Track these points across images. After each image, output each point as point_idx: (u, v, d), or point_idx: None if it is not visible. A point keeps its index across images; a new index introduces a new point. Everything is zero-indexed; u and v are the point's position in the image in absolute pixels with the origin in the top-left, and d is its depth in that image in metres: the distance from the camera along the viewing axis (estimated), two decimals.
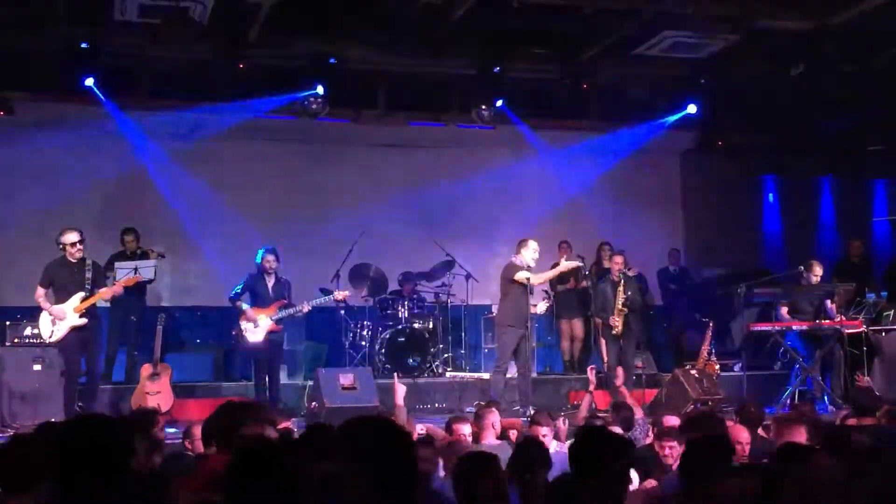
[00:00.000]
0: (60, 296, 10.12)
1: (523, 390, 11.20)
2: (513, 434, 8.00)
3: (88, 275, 10.15)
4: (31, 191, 12.87)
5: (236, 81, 12.76)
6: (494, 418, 7.78)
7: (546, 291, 12.60)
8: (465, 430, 7.55)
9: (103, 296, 10.34)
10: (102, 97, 12.27)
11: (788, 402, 11.39)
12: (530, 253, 11.26)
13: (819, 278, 12.06)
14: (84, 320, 10.09)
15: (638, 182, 15.13)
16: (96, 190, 13.27)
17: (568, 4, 11.50)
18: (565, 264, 11.72)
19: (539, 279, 11.34)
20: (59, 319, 10.03)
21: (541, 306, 11.87)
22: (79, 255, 10.14)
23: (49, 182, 12.94)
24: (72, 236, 10.10)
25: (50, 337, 10.09)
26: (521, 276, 11.05)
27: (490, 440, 7.51)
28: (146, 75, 13.07)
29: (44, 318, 10.16)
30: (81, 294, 10.10)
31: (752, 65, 13.05)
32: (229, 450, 4.71)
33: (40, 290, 10.15)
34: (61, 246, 10.11)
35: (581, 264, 12.02)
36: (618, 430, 6.93)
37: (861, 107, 13.87)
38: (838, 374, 11.80)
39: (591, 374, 10.21)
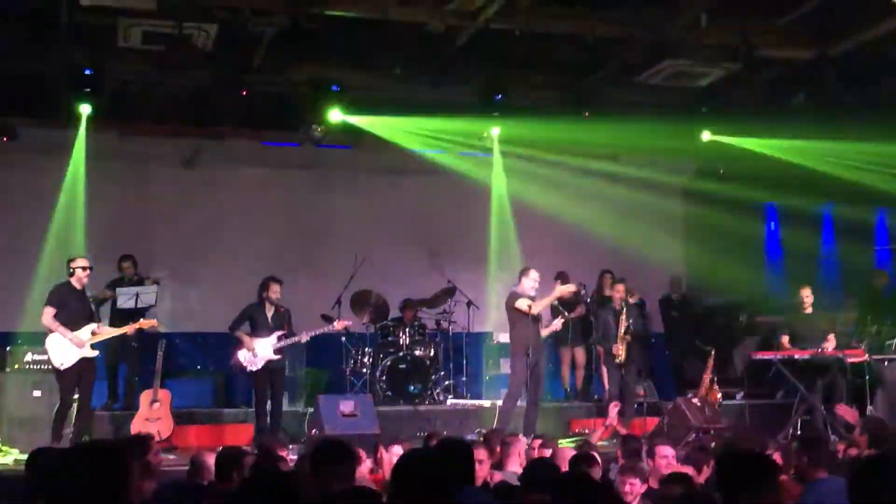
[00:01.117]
0: (66, 322, 10.01)
1: (531, 420, 11.14)
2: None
3: (92, 306, 10.19)
4: (32, 216, 12.86)
5: (239, 108, 12.81)
6: (521, 447, 7.71)
7: (559, 308, 12.43)
8: (480, 455, 7.40)
9: (116, 333, 10.36)
10: (105, 123, 12.28)
11: (791, 431, 11.35)
12: (530, 282, 11.26)
13: (808, 302, 11.99)
14: (96, 352, 10.09)
15: (639, 209, 15.12)
16: (99, 215, 13.26)
17: (570, 32, 11.54)
18: (562, 288, 11.67)
19: (539, 306, 11.32)
20: (78, 346, 9.93)
21: (556, 322, 11.79)
22: (86, 280, 10.14)
23: (50, 208, 12.93)
24: (83, 261, 10.17)
25: (61, 364, 9.90)
26: (521, 303, 11.05)
27: (514, 467, 7.41)
28: (149, 101, 13.09)
29: (53, 343, 9.96)
30: (92, 325, 10.07)
31: (753, 93, 13.07)
32: None
33: (50, 310, 9.96)
34: (72, 270, 10.08)
35: (577, 287, 11.98)
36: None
37: (861, 136, 13.87)
38: (840, 403, 11.73)
39: (612, 409, 10.13)
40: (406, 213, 14.48)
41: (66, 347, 9.92)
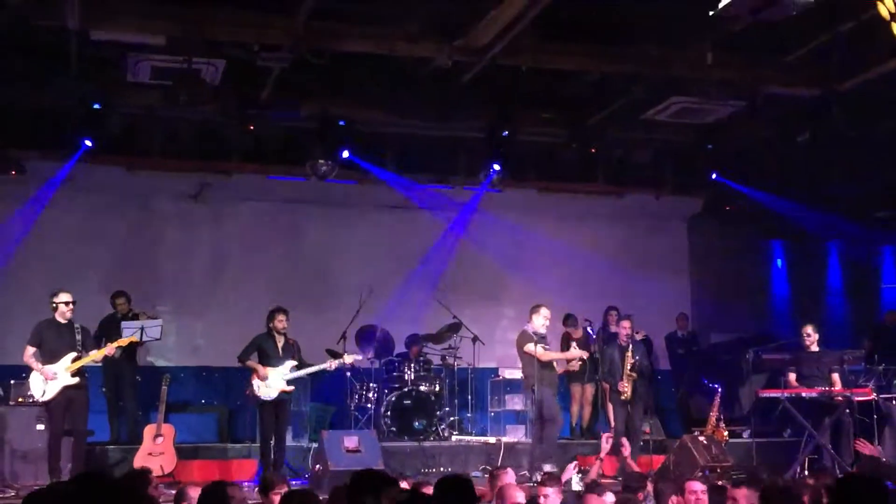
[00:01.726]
0: (48, 356, 10.14)
1: (536, 455, 11.08)
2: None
3: (78, 337, 10.23)
4: (38, 249, 12.86)
5: (246, 142, 12.86)
6: (505, 481, 7.63)
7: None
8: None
9: (96, 357, 10.35)
10: (112, 157, 12.32)
11: (798, 469, 11.25)
12: (541, 320, 11.23)
13: (811, 339, 11.93)
14: (77, 379, 10.11)
15: (645, 246, 15.11)
16: (104, 248, 13.29)
17: (576, 69, 11.59)
18: (573, 353, 11.79)
19: (546, 357, 11.25)
20: (49, 379, 10.02)
21: (574, 362, 11.88)
22: (69, 314, 10.22)
23: (57, 241, 12.96)
24: (66, 296, 10.25)
25: (42, 396, 10.06)
26: (529, 348, 11.06)
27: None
28: (157, 135, 13.15)
29: (34, 378, 10.15)
30: (73, 354, 10.13)
31: (759, 131, 13.10)
32: None
33: (29, 350, 10.18)
34: (54, 305, 10.21)
35: (584, 359, 12.12)
36: None
37: (868, 173, 13.89)
38: (847, 441, 11.64)
39: (604, 442, 10.12)
40: (412, 249, 14.46)
41: (42, 380, 10.06)
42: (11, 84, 11.33)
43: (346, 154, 12.81)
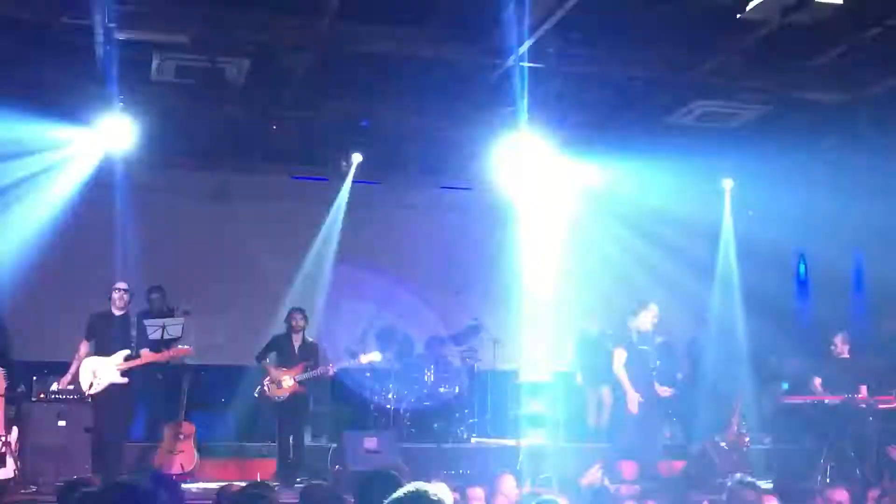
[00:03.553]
0: (100, 349, 10.09)
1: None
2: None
3: (133, 332, 10.17)
4: (59, 248, 12.90)
5: (269, 142, 12.87)
6: (505, 486, 7.59)
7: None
8: (476, 494, 7.31)
9: (146, 360, 10.31)
10: (136, 155, 12.34)
11: (819, 477, 11.17)
12: (650, 317, 10.97)
13: (840, 350, 11.83)
14: (126, 379, 10.06)
15: (667, 250, 15.00)
16: (128, 247, 13.31)
17: (600, 71, 11.54)
18: (635, 395, 10.88)
19: (620, 376, 10.87)
20: (97, 372, 9.97)
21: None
22: (120, 303, 10.18)
23: (79, 239, 12.99)
24: (119, 283, 10.29)
25: (89, 388, 10.00)
26: (617, 355, 10.79)
27: None
28: (180, 134, 13.19)
29: (85, 369, 10.09)
30: (126, 352, 10.07)
31: (784, 136, 13.01)
32: None
33: (85, 345, 10.18)
34: (109, 294, 10.21)
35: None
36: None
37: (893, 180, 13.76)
38: (871, 450, 11.54)
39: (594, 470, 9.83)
40: (433, 249, 14.45)
41: (92, 373, 10.01)
42: (37, 83, 11.38)
43: (368, 154, 12.80)
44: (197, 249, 13.83)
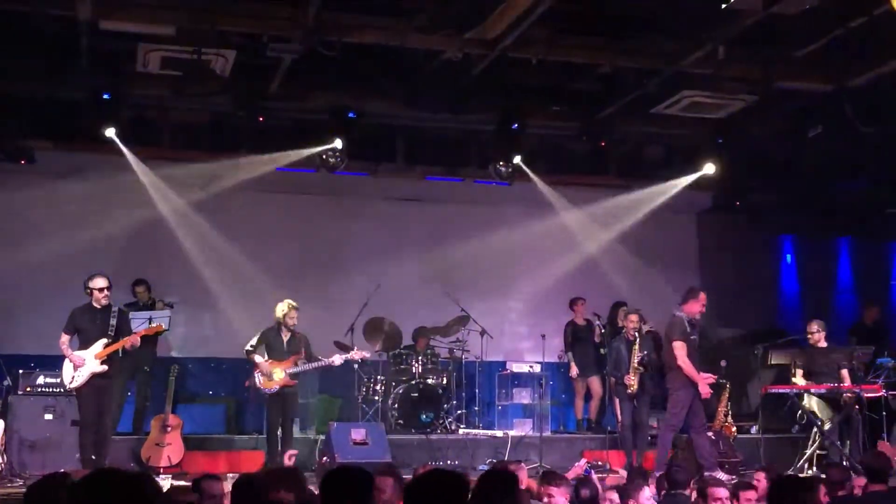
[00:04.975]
0: (83, 342, 10.03)
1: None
2: None
3: (113, 321, 10.06)
4: (48, 240, 12.85)
5: (256, 134, 12.83)
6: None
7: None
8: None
9: (123, 344, 10.19)
10: (122, 147, 12.29)
11: (806, 465, 11.24)
12: (698, 305, 10.88)
13: (817, 338, 11.87)
14: (105, 367, 9.96)
15: (654, 241, 15.04)
16: (114, 239, 13.27)
17: (587, 62, 11.54)
18: (707, 376, 10.92)
19: (686, 369, 10.69)
20: (78, 366, 9.91)
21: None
22: (105, 301, 10.08)
23: (66, 231, 12.94)
24: (100, 282, 10.06)
25: (71, 382, 9.92)
26: (677, 346, 10.70)
27: None
28: (166, 126, 13.15)
29: (67, 365, 10.00)
30: (104, 340, 9.99)
31: (770, 125, 13.03)
32: None
33: (64, 337, 10.02)
34: (88, 290, 10.06)
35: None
36: None
37: (880, 169, 13.83)
38: (857, 439, 11.61)
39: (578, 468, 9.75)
40: (421, 241, 14.45)
41: (73, 366, 9.93)
42: (21, 75, 11.33)
43: (355, 146, 12.77)
44: (184, 242, 13.76)
